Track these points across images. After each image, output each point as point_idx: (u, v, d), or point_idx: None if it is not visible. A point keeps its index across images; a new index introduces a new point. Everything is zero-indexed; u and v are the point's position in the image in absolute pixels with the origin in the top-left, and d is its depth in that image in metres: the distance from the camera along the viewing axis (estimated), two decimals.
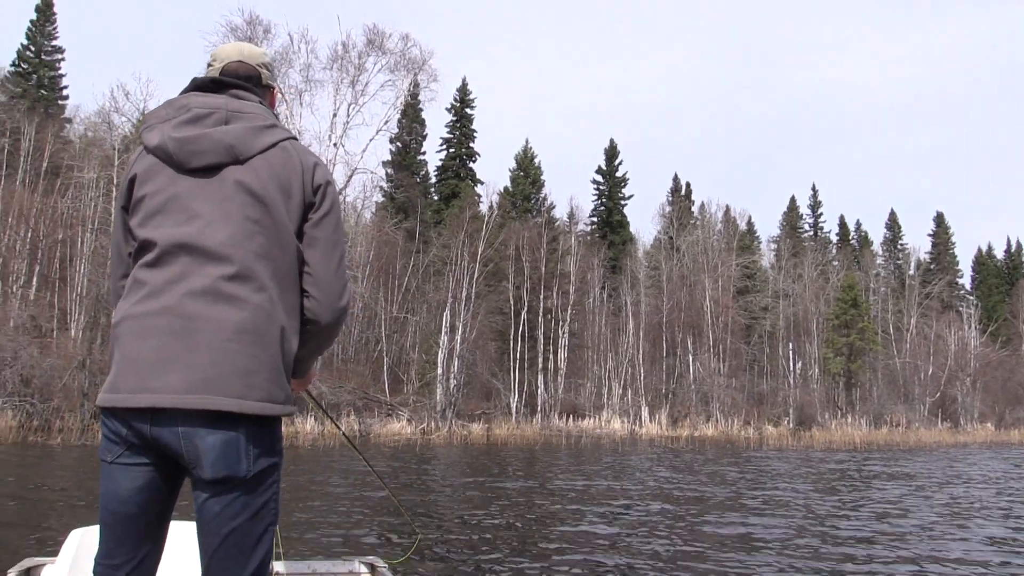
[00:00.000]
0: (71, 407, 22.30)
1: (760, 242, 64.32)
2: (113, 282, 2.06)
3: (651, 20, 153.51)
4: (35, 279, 32.84)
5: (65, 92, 47.65)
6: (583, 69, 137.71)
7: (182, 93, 2.04)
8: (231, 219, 1.85)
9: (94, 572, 1.91)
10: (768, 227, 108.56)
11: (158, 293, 1.82)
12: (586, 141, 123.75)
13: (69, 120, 46.17)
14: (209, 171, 1.89)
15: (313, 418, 28.86)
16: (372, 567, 3.26)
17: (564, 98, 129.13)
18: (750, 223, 63.65)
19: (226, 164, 1.89)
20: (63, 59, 47.44)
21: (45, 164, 37.06)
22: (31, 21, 46.32)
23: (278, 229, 1.89)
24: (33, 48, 46.24)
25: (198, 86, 2.04)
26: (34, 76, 45.93)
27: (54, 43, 47.06)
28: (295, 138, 2.03)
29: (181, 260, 1.83)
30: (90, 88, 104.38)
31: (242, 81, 2.09)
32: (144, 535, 1.89)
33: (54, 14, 46.98)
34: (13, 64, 45.52)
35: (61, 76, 47.39)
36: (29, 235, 33.08)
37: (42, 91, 45.64)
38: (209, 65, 2.16)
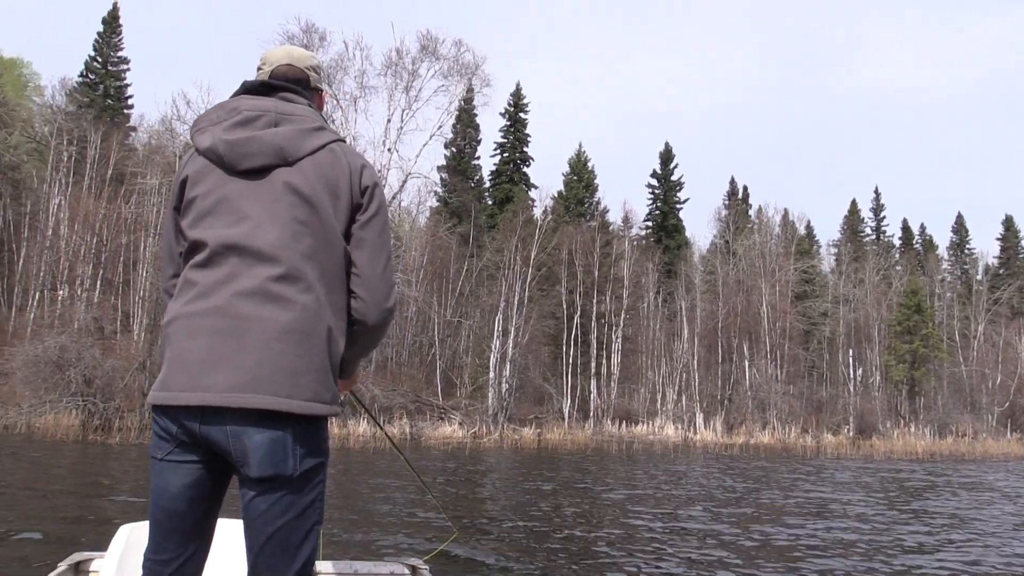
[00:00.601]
0: (131, 407, 22.84)
1: (820, 246, 63.13)
2: (164, 281, 2.11)
3: (707, 21, 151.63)
4: (99, 282, 33.77)
5: (130, 101, 49.08)
6: (637, 72, 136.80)
7: (232, 96, 2.06)
8: (279, 220, 1.87)
9: (143, 567, 1.94)
10: (828, 231, 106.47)
11: (208, 293, 1.85)
12: (640, 145, 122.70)
13: (134, 128, 47.54)
14: (258, 173, 1.91)
15: (364, 421, 29.12)
16: (414, 569, 3.23)
17: (618, 101, 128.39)
18: (809, 227, 62.53)
19: (275, 166, 1.91)
20: (128, 69, 48.92)
21: (110, 171, 38.19)
22: (98, 33, 47.84)
23: (326, 230, 1.90)
24: (100, 59, 47.70)
25: (248, 89, 2.06)
26: (101, 86, 47.38)
27: (119, 54, 48.49)
28: (343, 140, 2.03)
29: (231, 261, 1.86)
30: (153, 97, 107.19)
31: (291, 84, 2.11)
32: (192, 532, 1.92)
33: (120, 26, 48.41)
34: (81, 75, 47.02)
35: (126, 86, 48.82)
36: (95, 240, 34.05)
37: (108, 100, 47.04)
38: (259, 69, 2.19)
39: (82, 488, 11.78)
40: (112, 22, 48.23)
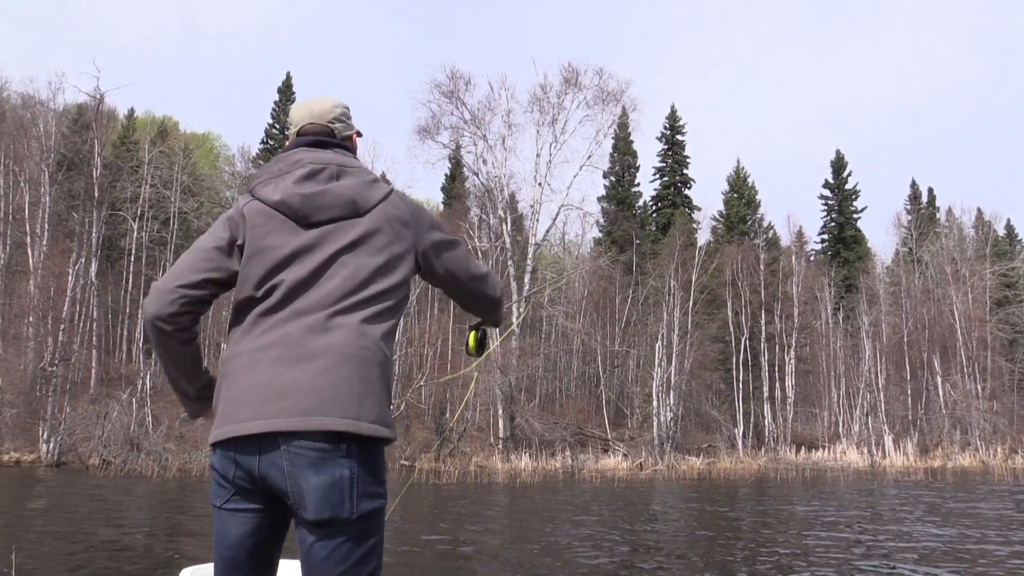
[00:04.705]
0: None
1: (1023, 246, 57.24)
2: (183, 278, 1.94)
3: (877, 17, 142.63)
4: None
5: None
6: (797, 80, 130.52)
7: (289, 149, 2.14)
8: (347, 267, 1.95)
9: None
10: None
11: (273, 330, 1.90)
12: (804, 155, 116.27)
13: None
14: (329, 223, 1.99)
15: (526, 455, 29.24)
16: None
17: (778, 111, 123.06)
18: (1009, 226, 56.84)
19: (347, 218, 2.00)
20: None
21: None
22: (274, 102, 51.80)
23: (391, 273, 1.99)
24: (277, 125, 51.54)
25: (307, 142, 2.12)
26: (279, 150, 51.01)
27: None
28: (396, 189, 2.14)
29: (299, 304, 1.91)
30: None
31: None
32: None
33: (293, 94, 52.18)
34: (262, 141, 51.03)
35: None
36: None
37: None
38: (287, 129, 2.24)
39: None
40: (286, 91, 52.10)
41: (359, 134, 2.30)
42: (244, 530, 1.90)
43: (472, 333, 2.51)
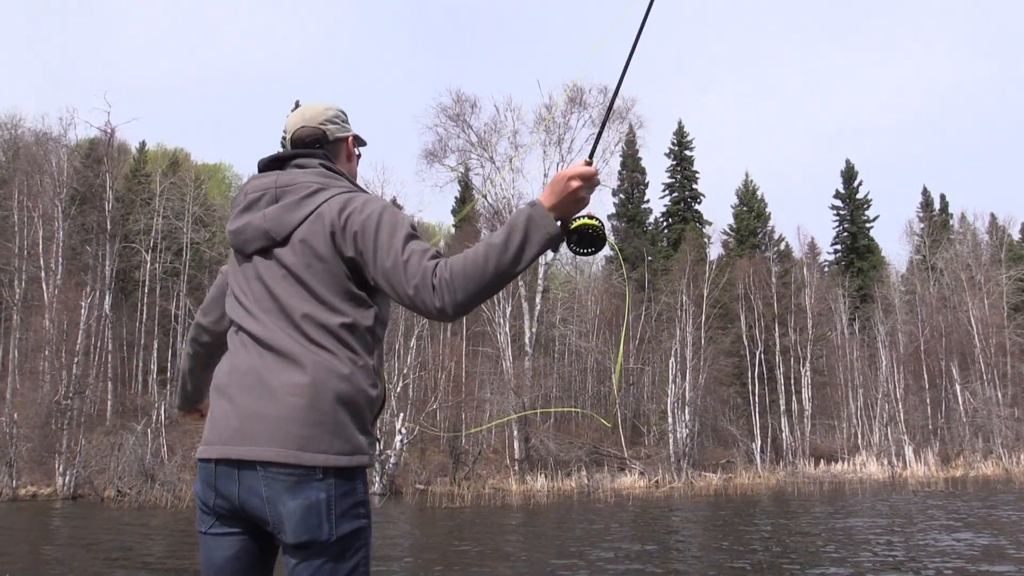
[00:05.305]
0: None
1: None
2: (197, 317, 2.33)
3: (884, 24, 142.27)
4: None
5: None
6: (805, 90, 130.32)
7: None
8: (279, 296, 1.94)
9: None
10: None
11: (236, 356, 1.95)
12: (813, 165, 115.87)
13: None
14: (261, 253, 2.00)
15: (541, 476, 29.06)
16: None
17: (785, 122, 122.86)
18: None
19: (270, 248, 1.98)
20: None
21: None
22: (284, 131, 52.33)
23: (323, 295, 1.92)
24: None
25: (261, 168, 2.12)
26: None
27: None
28: (340, 193, 1.99)
29: (251, 337, 1.95)
30: None
31: (307, 148, 2.14)
32: None
33: None
34: None
35: None
36: None
37: None
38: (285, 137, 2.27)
39: None
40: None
41: (360, 141, 2.27)
42: (230, 553, 1.90)
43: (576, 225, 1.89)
